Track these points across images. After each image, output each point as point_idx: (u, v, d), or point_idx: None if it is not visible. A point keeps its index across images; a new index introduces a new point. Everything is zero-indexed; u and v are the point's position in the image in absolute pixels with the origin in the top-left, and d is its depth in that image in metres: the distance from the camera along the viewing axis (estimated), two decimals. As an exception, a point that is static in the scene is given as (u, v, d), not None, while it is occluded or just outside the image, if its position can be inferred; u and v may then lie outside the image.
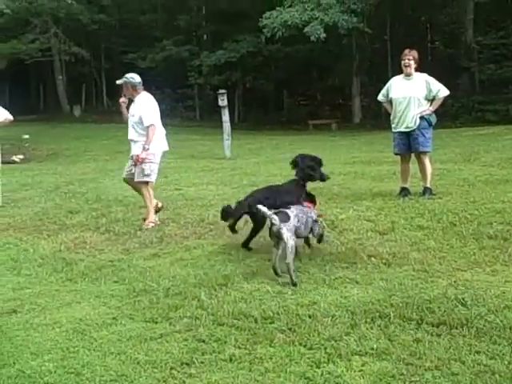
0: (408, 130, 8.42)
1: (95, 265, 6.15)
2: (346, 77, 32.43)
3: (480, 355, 3.69)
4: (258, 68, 34.18)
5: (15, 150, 20.18)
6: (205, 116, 33.59)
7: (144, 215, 7.99)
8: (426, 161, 8.52)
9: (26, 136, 24.25)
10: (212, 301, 4.83)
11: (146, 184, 7.82)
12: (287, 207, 5.70)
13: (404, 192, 8.50)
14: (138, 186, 7.98)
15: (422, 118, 8.36)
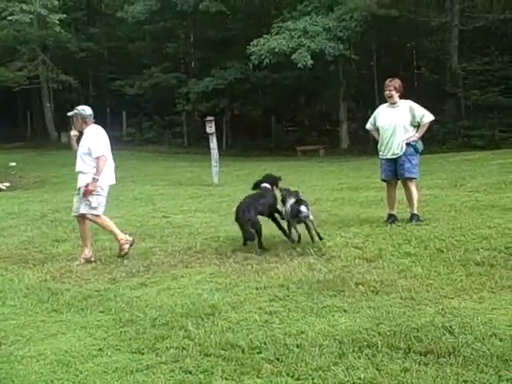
0: (394, 156, 8.48)
1: (81, 295, 6.09)
2: (333, 103, 32.71)
3: (467, 384, 3.67)
4: (246, 94, 34.41)
5: (1, 178, 20.13)
6: (192, 142, 33.67)
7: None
8: (413, 187, 8.56)
9: (13, 163, 24.19)
10: (199, 331, 4.79)
11: (91, 216, 7.59)
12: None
13: (391, 219, 8.52)
14: (90, 221, 7.66)
15: (408, 144, 8.42)
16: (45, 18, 29.53)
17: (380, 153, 8.74)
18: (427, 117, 8.50)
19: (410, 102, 8.60)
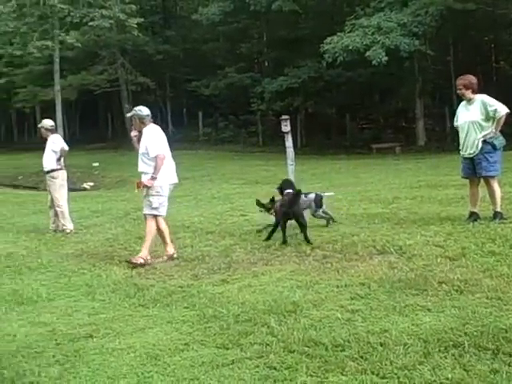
0: (471, 155, 8.30)
1: (166, 290, 6.28)
2: (408, 99, 32.07)
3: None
4: (320, 93, 34.22)
5: (85, 178, 20.93)
6: (267, 141, 33.82)
7: (209, 242, 8.07)
8: (495, 184, 8.32)
9: (96, 164, 25.06)
10: (282, 327, 4.85)
11: (152, 217, 7.64)
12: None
13: (473, 217, 8.32)
14: (147, 221, 7.72)
15: (484, 141, 8.19)
16: (123, 22, 30.44)
17: (460, 151, 8.60)
18: (501, 110, 8.18)
19: (483, 96, 8.34)
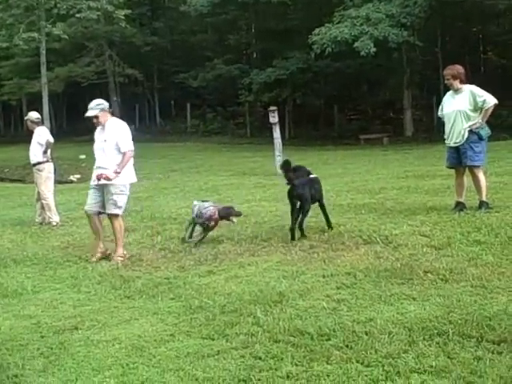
0: (456, 144, 8.32)
1: (152, 282, 6.26)
2: (396, 90, 32.12)
3: (544, 373, 3.59)
4: (308, 84, 34.19)
5: (72, 170, 20.79)
6: (255, 133, 33.78)
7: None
8: (480, 174, 8.35)
9: (83, 156, 24.88)
10: (268, 318, 4.85)
11: (117, 216, 7.58)
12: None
13: (459, 206, 8.35)
14: (110, 219, 7.63)
15: (471, 131, 8.20)
16: (111, 14, 30.15)
17: (445, 140, 8.61)
18: (489, 101, 8.21)
19: (471, 87, 8.36)
